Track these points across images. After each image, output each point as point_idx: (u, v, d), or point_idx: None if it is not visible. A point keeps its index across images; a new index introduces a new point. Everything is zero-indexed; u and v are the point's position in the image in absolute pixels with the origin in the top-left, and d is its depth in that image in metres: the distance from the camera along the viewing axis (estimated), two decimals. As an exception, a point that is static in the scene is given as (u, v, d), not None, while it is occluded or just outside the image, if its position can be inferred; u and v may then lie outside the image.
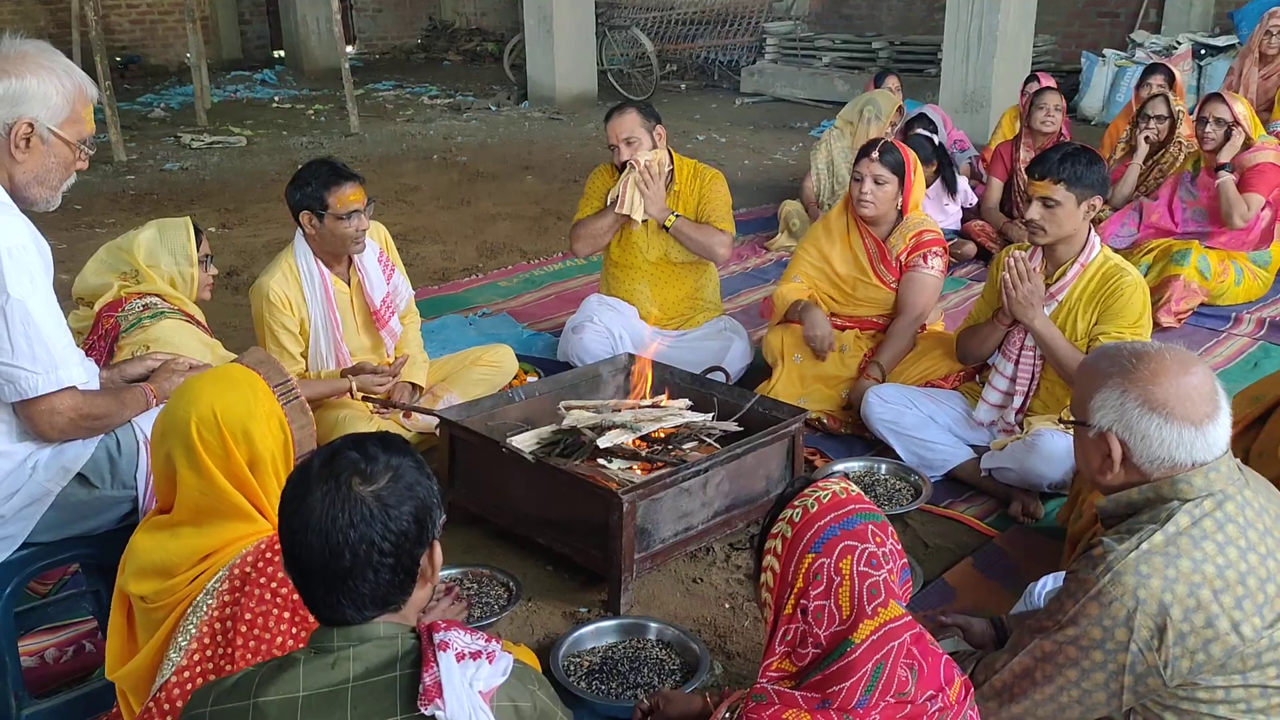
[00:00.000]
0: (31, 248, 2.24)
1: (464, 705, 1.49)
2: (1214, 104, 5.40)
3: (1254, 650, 1.88)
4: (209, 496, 2.08)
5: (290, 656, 1.58)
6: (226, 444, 2.07)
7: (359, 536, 1.53)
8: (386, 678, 1.53)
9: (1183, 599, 1.86)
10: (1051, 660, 1.97)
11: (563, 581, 3.22)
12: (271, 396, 2.17)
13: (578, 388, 3.84)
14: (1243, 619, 1.87)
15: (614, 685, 2.69)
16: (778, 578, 1.79)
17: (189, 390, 2.14)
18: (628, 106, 4.42)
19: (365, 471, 1.57)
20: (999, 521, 3.53)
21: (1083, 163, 3.49)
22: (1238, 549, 1.91)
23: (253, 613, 2.03)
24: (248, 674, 1.59)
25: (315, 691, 1.52)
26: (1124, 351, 2.06)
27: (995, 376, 3.75)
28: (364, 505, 1.55)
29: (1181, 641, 1.87)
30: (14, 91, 2.25)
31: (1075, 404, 2.13)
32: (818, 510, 1.79)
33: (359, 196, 3.66)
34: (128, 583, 2.13)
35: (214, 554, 2.10)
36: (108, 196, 7.95)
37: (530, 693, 1.63)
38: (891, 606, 1.72)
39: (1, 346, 2.22)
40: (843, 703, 1.68)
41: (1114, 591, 1.89)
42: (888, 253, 4.19)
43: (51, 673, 2.82)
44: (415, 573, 1.60)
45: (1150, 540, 1.91)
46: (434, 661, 1.51)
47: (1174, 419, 1.95)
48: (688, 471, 3.13)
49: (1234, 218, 5.29)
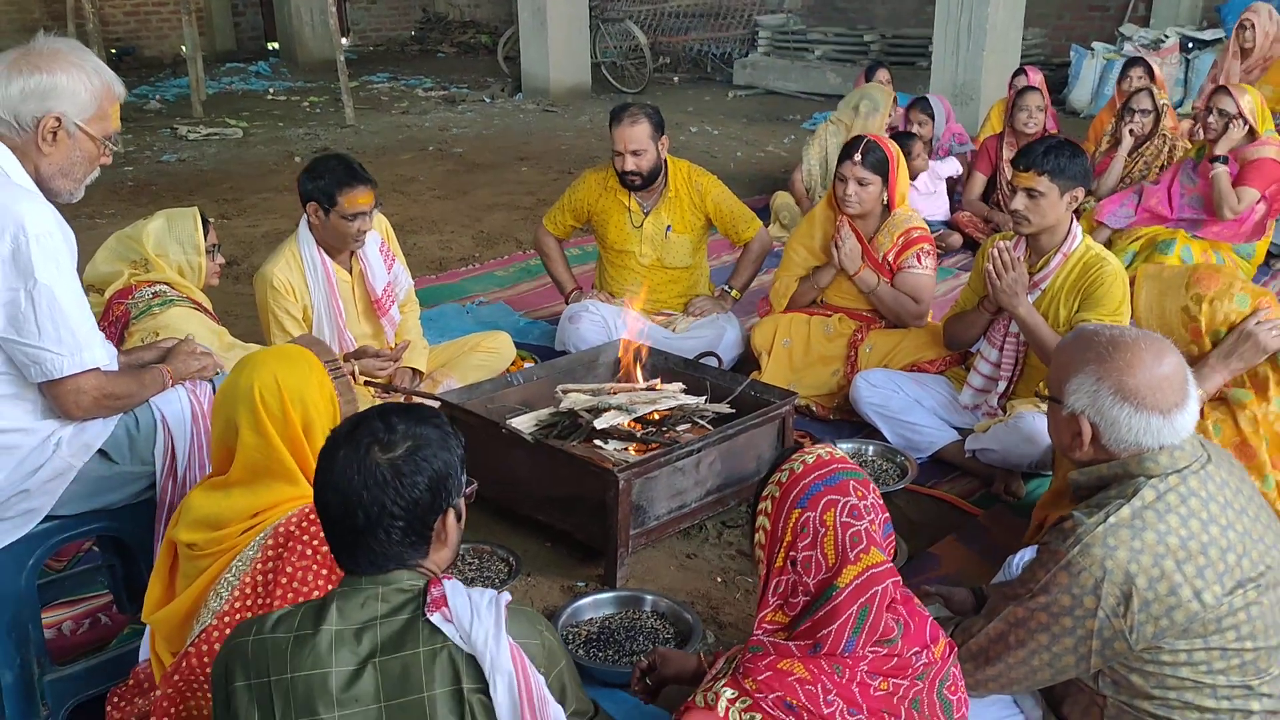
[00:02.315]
0: (58, 234, 2.33)
1: (466, 610, 1.68)
2: (1220, 96, 5.50)
3: (1214, 616, 2.00)
4: (264, 457, 2.23)
5: (326, 596, 1.75)
6: (286, 409, 2.23)
7: (371, 499, 1.70)
8: (408, 615, 1.70)
9: (1147, 569, 1.98)
10: (1024, 625, 2.09)
11: (561, 557, 3.34)
12: (323, 371, 2.33)
13: (574, 372, 3.95)
14: (1204, 587, 1.99)
15: (611, 653, 2.82)
16: (769, 535, 1.93)
17: (252, 361, 2.31)
18: (640, 116, 4.42)
19: (384, 441, 1.72)
20: (982, 500, 3.66)
21: (1066, 155, 3.60)
22: (1200, 521, 2.03)
23: (294, 566, 2.17)
24: (290, 610, 1.75)
25: (348, 626, 1.69)
26: (1102, 337, 2.17)
27: (980, 362, 3.87)
28: (379, 471, 1.70)
29: (1146, 608, 1.99)
30: (44, 87, 2.35)
31: (1051, 382, 2.25)
32: (803, 470, 1.93)
33: (368, 200, 3.74)
34: (179, 533, 2.28)
35: (263, 513, 2.25)
36: (106, 188, 8.03)
37: (539, 632, 1.78)
38: (873, 553, 1.85)
39: (28, 329, 2.32)
40: (831, 647, 1.80)
41: (1082, 562, 2.01)
42: (872, 251, 4.28)
43: (69, 644, 2.94)
44: (429, 536, 1.74)
45: (1117, 514, 2.03)
46: (439, 581, 1.72)
47: (1143, 408, 2.07)
48: (681, 451, 3.25)
49: (1223, 209, 5.39)
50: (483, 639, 1.67)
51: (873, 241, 4.30)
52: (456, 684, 1.67)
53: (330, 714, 1.65)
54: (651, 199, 4.57)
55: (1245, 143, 5.46)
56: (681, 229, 4.59)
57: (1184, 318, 2.88)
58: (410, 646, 1.68)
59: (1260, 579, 2.04)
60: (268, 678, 1.68)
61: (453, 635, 1.68)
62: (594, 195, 4.64)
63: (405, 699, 1.66)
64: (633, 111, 4.44)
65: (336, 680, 1.66)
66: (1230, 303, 2.82)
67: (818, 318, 4.40)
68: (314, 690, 1.66)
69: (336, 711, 1.65)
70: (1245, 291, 2.86)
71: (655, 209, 4.56)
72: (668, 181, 4.55)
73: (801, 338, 4.36)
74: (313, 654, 1.67)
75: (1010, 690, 2.19)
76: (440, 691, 1.67)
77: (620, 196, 4.57)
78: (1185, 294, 2.89)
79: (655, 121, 4.44)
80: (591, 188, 4.65)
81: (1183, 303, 2.88)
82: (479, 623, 1.68)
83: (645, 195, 4.56)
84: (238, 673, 1.71)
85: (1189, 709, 2.04)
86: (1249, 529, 2.07)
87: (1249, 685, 2.05)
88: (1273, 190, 5.49)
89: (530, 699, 1.69)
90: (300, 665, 1.67)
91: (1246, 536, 2.06)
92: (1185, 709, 2.04)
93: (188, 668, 2.19)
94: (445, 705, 1.67)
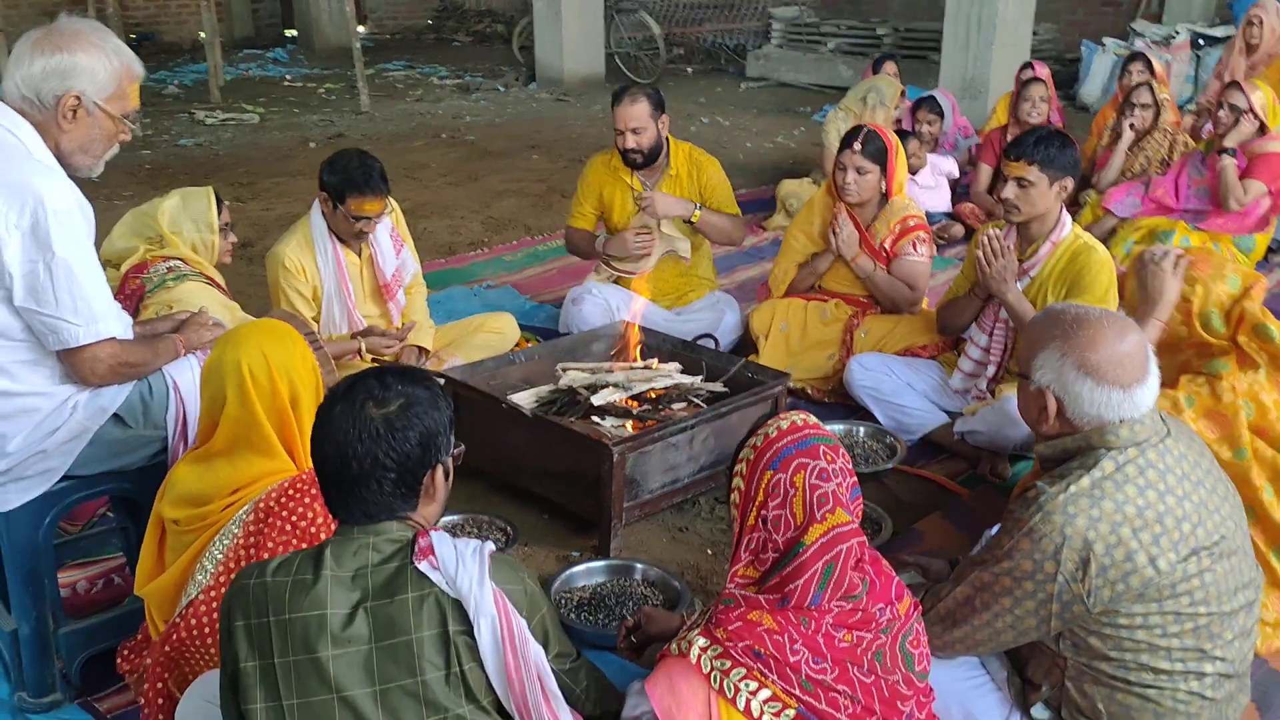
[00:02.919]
0: (76, 210, 2.45)
1: (452, 558, 1.80)
2: (1233, 91, 5.58)
3: (1169, 581, 2.10)
4: (246, 429, 2.34)
5: (321, 545, 1.87)
6: (274, 382, 2.33)
7: (364, 451, 1.82)
8: (398, 563, 1.82)
9: (1105, 536, 2.08)
10: (989, 589, 2.20)
11: (557, 528, 3.46)
12: (306, 345, 2.44)
13: (574, 352, 4.06)
14: (1159, 554, 2.09)
15: (601, 617, 2.93)
16: (743, 494, 2.04)
17: (236, 336, 2.41)
18: (639, 95, 4.53)
19: (378, 397, 1.85)
20: (969, 481, 3.76)
21: (1056, 146, 3.69)
22: (1156, 492, 2.13)
23: (274, 541, 2.27)
24: (288, 558, 1.87)
25: (343, 573, 1.81)
26: (1067, 315, 2.27)
27: (970, 347, 3.97)
28: (373, 425, 1.83)
29: (1103, 573, 2.09)
30: (65, 66, 2.47)
31: (1021, 359, 2.35)
32: (777, 434, 2.04)
33: (375, 208, 3.85)
34: (165, 508, 2.39)
35: (243, 488, 2.35)
36: (124, 170, 8.17)
37: (521, 579, 1.90)
38: (839, 513, 1.96)
39: (46, 300, 2.43)
40: (798, 600, 1.91)
41: (1044, 529, 2.11)
42: (869, 238, 4.37)
43: (83, 601, 3.07)
44: (418, 489, 1.86)
45: (1077, 484, 2.13)
46: (427, 533, 1.84)
47: (1104, 382, 2.17)
48: (675, 428, 3.36)
49: (1230, 200, 5.47)
50: (467, 584, 1.79)
51: (870, 229, 4.39)
52: (443, 626, 1.79)
53: (327, 652, 1.77)
54: (654, 177, 4.67)
55: (1255, 137, 5.54)
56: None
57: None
58: (400, 592, 1.80)
59: (1215, 547, 2.15)
60: (267, 618, 1.80)
61: (439, 581, 1.80)
62: (602, 176, 4.75)
63: (395, 640, 1.78)
64: (633, 91, 4.56)
65: (333, 621, 1.78)
66: (1223, 284, 2.88)
67: (815, 303, 4.50)
68: (311, 630, 1.77)
69: (332, 650, 1.77)
70: (1237, 274, 2.92)
71: (657, 186, 4.66)
72: (670, 160, 4.66)
73: (799, 322, 4.47)
74: (311, 597, 1.79)
75: (976, 651, 2.29)
76: (428, 634, 1.79)
77: (624, 175, 4.67)
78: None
79: (655, 101, 4.54)
80: (599, 169, 4.76)
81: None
82: (464, 569, 1.80)
83: (648, 174, 4.67)
84: (237, 613, 1.83)
85: (1144, 670, 2.14)
86: (1205, 500, 2.17)
87: (1202, 649, 2.15)
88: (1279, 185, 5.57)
89: (512, 640, 1.81)
90: (299, 607, 1.79)
91: (1202, 507, 2.16)
92: (1141, 670, 2.14)
93: (177, 639, 2.30)
94: (432, 646, 1.79)
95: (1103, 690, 2.19)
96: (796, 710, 1.88)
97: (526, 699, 1.83)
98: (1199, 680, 2.16)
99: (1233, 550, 2.19)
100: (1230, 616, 2.17)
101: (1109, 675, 2.17)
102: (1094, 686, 2.20)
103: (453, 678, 1.80)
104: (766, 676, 1.88)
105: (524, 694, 1.83)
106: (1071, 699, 2.24)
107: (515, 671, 1.82)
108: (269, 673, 1.80)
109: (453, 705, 1.80)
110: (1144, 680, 2.15)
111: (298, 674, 1.79)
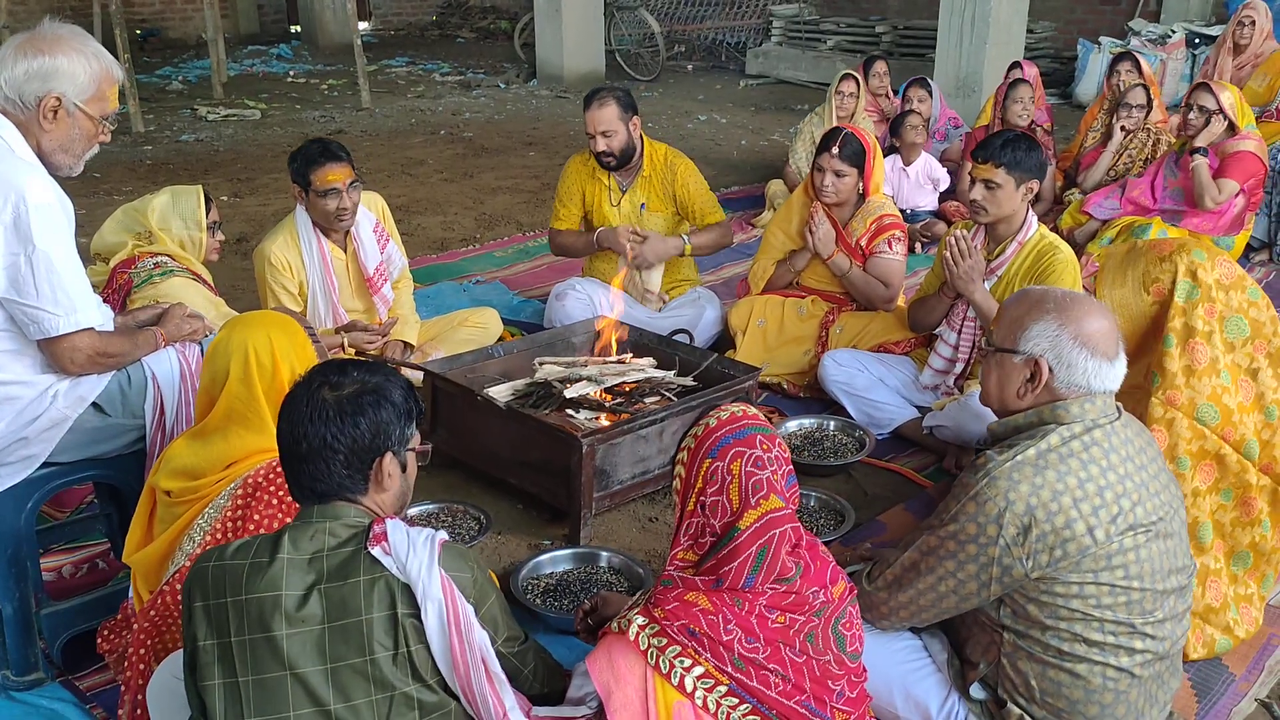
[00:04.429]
0: (56, 205, 2.56)
1: (404, 544, 1.90)
2: (1201, 93, 5.65)
3: (1105, 552, 2.21)
4: (244, 406, 2.47)
5: (280, 530, 1.97)
6: (277, 364, 2.47)
7: (313, 432, 1.93)
8: (353, 548, 1.93)
9: (1046, 503, 2.20)
10: (934, 553, 2.31)
11: (530, 518, 3.55)
12: (308, 339, 2.57)
13: (554, 347, 4.16)
14: (1097, 524, 2.20)
15: (566, 603, 3.03)
16: (683, 481, 2.14)
17: (247, 319, 2.57)
18: (608, 98, 4.60)
19: (334, 382, 1.97)
20: (934, 474, 3.85)
21: (1022, 149, 3.77)
22: (1099, 468, 2.25)
23: (260, 515, 2.40)
24: (247, 541, 1.97)
25: (300, 556, 1.91)
26: (1054, 293, 2.42)
27: (940, 344, 4.05)
28: (325, 407, 1.94)
29: (1043, 539, 2.20)
30: (46, 68, 2.59)
31: (1003, 335, 2.42)
32: (716, 424, 2.14)
33: (338, 176, 3.91)
34: (160, 479, 2.51)
35: (235, 464, 2.47)
36: (125, 165, 8.30)
37: (469, 567, 1.99)
38: (773, 499, 2.05)
39: (27, 291, 2.55)
40: (732, 582, 2.01)
41: (989, 493, 2.23)
42: (845, 236, 4.46)
43: (67, 585, 3.17)
44: (367, 474, 1.97)
45: (1024, 454, 2.26)
46: (382, 520, 1.95)
47: (1096, 353, 2.31)
48: (644, 420, 3.45)
49: (1205, 199, 5.55)
50: (417, 570, 1.89)
51: (847, 227, 4.48)
52: (392, 609, 1.89)
53: (282, 630, 1.87)
54: (629, 178, 4.76)
55: (1225, 137, 5.61)
56: (655, 207, 4.78)
57: (1146, 280, 3.01)
58: (353, 575, 1.90)
59: (1152, 527, 2.25)
60: (225, 598, 1.90)
61: (390, 566, 1.89)
62: (582, 178, 4.83)
63: (346, 620, 1.88)
64: (602, 95, 4.63)
65: (288, 602, 1.88)
66: (1190, 254, 2.93)
67: (792, 299, 4.59)
68: (266, 609, 1.87)
69: (286, 629, 1.87)
70: (1201, 249, 2.97)
71: (631, 187, 4.75)
72: (643, 162, 4.74)
73: (776, 318, 4.56)
74: (267, 578, 1.89)
75: (920, 619, 2.39)
76: (378, 615, 1.88)
77: (600, 176, 4.77)
78: (1146, 259, 3.01)
79: (625, 103, 4.62)
80: (578, 170, 4.84)
81: (1144, 267, 3.01)
82: (414, 555, 1.90)
83: (623, 175, 4.76)
84: (196, 594, 1.93)
85: (1078, 640, 2.24)
86: (1147, 482, 2.28)
87: (1133, 624, 2.24)
88: (1252, 184, 5.65)
89: (458, 624, 1.90)
90: (255, 588, 1.89)
91: (1144, 488, 2.27)
92: (1074, 640, 2.24)
93: (162, 605, 2.41)
94: (381, 627, 1.88)
95: (1036, 667, 2.28)
96: (728, 687, 1.97)
97: (470, 679, 1.92)
98: (1129, 656, 2.25)
99: (1169, 533, 2.30)
100: (1163, 595, 2.27)
101: (1044, 646, 2.26)
102: (1028, 663, 2.29)
103: (400, 658, 1.89)
104: (700, 654, 1.97)
105: (468, 675, 1.92)
106: (1007, 676, 2.33)
107: (460, 654, 1.91)
108: (226, 651, 1.89)
109: (400, 684, 1.89)
110: (1077, 652, 2.24)
111: (253, 652, 1.88)
